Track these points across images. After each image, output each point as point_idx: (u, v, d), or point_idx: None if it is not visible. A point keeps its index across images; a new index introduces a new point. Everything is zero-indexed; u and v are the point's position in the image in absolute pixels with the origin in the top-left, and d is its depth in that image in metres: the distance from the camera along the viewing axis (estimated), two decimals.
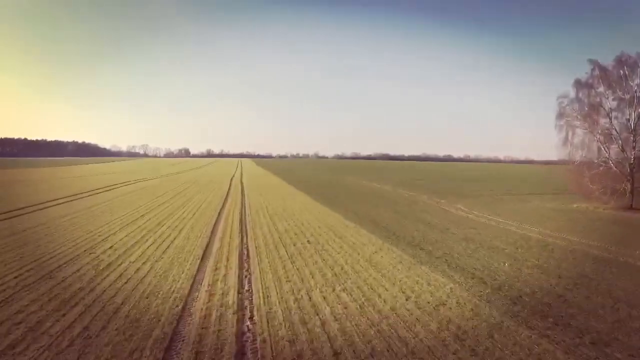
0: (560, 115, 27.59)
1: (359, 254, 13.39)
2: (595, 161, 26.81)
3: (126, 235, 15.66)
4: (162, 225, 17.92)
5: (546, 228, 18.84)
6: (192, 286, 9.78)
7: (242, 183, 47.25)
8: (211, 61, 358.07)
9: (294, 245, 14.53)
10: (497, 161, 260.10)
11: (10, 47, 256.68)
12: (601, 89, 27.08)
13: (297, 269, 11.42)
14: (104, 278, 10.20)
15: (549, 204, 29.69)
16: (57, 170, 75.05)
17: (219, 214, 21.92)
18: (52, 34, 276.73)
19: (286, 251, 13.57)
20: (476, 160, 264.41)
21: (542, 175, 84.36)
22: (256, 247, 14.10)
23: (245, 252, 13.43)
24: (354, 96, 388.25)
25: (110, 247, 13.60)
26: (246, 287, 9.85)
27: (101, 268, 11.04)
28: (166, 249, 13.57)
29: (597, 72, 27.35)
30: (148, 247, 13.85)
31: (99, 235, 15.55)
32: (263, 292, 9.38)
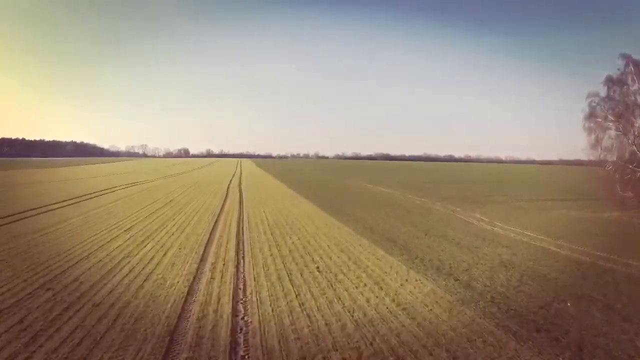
0: (591, 115, 25.04)
1: (381, 288, 10.84)
2: (630, 167, 24.28)
3: (100, 261, 13.07)
4: (145, 246, 15.32)
5: (590, 246, 16.27)
6: (167, 352, 7.20)
7: (240, 187, 44.65)
8: (211, 61, 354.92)
9: (301, 274, 11.97)
10: (498, 161, 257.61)
11: (9, 47, 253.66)
12: (636, 86, 24.57)
13: (308, 316, 8.86)
14: (50, 337, 7.61)
15: (575, 212, 27.15)
16: (49, 172, 72.43)
17: (213, 228, 19.33)
18: (52, 34, 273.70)
19: (292, 284, 11.01)
20: (478, 161, 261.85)
21: (550, 176, 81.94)
22: (255, 278, 11.53)
23: (242, 287, 10.87)
24: (354, 96, 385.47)
25: (75, 280, 11.02)
26: (241, 352, 7.28)
27: (51, 318, 8.45)
28: (143, 282, 10.98)
29: (630, 67, 24.82)
30: (122, 278, 11.26)
31: (67, 261, 12.96)
32: None
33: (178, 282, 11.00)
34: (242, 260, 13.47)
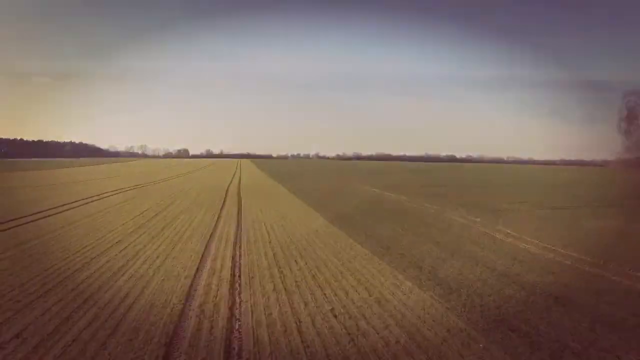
0: (630, 116, 22.43)
1: (420, 346, 8.22)
2: None
3: (60, 300, 10.48)
4: (122, 275, 12.71)
5: None
6: None
7: (239, 194, 42.12)
8: (211, 60, 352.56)
9: (313, 321, 9.35)
10: (501, 162, 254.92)
11: (7, 45, 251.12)
12: None
13: None
14: None
15: (611, 223, 24.61)
16: (31, 176, 69.98)
17: (206, 248, 16.76)
18: (50, 34, 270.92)
19: (302, 340, 8.40)
20: (480, 161, 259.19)
21: (561, 178, 79.31)
22: (254, 330, 8.92)
23: (236, 346, 8.26)
24: (354, 95, 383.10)
25: (17, 336, 8.42)
26: None
27: None
28: (108, 337, 8.37)
29: None
30: (81, 331, 8.67)
31: (16, 302, 10.37)
32: None
33: (153, 338, 8.40)
34: (237, 298, 10.88)
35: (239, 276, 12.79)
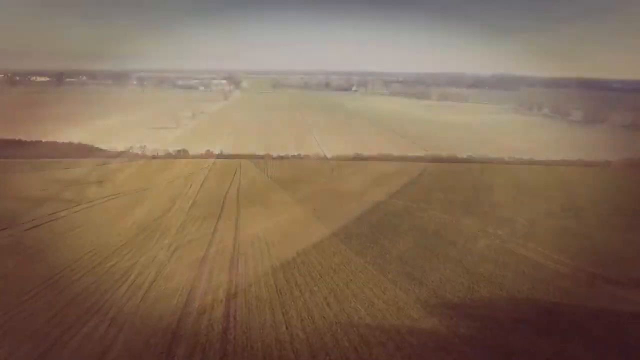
0: None
1: None
2: None
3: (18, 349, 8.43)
4: (93, 315, 10.65)
5: None
6: None
7: (238, 205, 39.94)
8: (210, 59, 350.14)
9: None
10: (502, 162, 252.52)
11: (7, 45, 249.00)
12: None
13: None
14: None
15: (631, 235, 22.56)
16: None
17: (195, 277, 14.67)
18: (51, 33, 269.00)
19: None
20: (481, 161, 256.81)
21: (569, 180, 76.80)
22: None
23: None
24: (354, 95, 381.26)
25: None
26: None
27: None
28: None
29: None
30: None
31: None
32: None
33: None
34: (229, 347, 8.80)
35: (234, 317, 10.70)
